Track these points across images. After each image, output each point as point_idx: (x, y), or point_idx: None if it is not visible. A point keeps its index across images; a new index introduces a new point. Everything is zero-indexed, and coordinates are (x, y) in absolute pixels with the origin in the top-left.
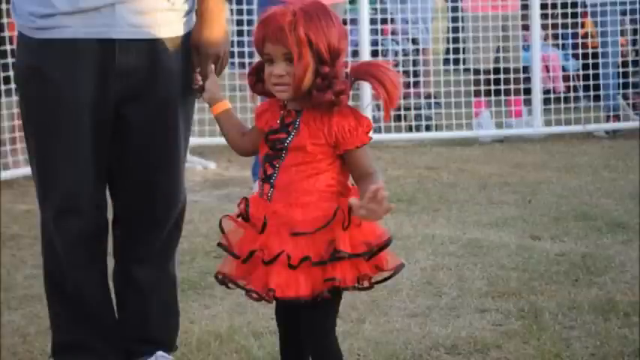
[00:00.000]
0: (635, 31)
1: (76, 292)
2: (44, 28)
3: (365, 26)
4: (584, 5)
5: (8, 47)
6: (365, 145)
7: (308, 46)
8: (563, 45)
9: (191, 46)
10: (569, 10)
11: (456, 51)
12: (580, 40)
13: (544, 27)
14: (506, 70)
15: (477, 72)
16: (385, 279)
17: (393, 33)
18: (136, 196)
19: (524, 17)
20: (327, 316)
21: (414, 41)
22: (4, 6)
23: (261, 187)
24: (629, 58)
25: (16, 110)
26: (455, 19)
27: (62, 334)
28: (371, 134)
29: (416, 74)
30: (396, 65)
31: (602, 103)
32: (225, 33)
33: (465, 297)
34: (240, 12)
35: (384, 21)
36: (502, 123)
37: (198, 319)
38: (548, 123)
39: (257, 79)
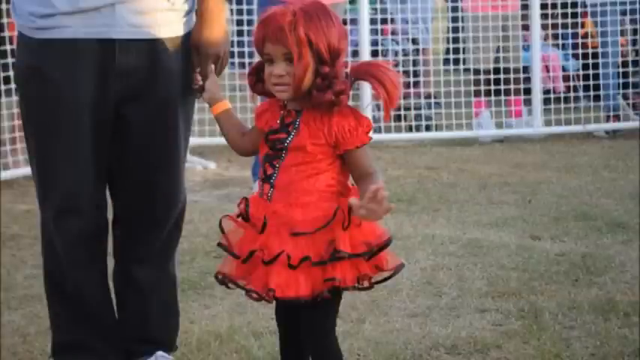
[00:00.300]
0: (635, 31)
1: (76, 292)
2: (44, 28)
3: (365, 26)
4: (584, 5)
5: (8, 47)
6: (365, 145)
7: (308, 46)
8: (563, 45)
9: (191, 46)
10: (569, 10)
11: (456, 51)
12: (580, 40)
13: (544, 27)
14: (506, 70)
15: (477, 72)
16: (385, 279)
17: (393, 33)
18: (136, 196)
19: (524, 17)
20: (327, 316)
21: (414, 41)
22: (4, 6)
23: (261, 187)
24: (629, 58)
25: (16, 110)
26: (455, 19)
27: (62, 334)
28: (371, 134)
29: (416, 74)
30: (396, 65)
31: (602, 103)
32: (225, 33)
33: (465, 297)
34: (240, 12)
35: (384, 21)
36: (502, 123)
37: (198, 319)
38: (548, 123)
39: (257, 79)
